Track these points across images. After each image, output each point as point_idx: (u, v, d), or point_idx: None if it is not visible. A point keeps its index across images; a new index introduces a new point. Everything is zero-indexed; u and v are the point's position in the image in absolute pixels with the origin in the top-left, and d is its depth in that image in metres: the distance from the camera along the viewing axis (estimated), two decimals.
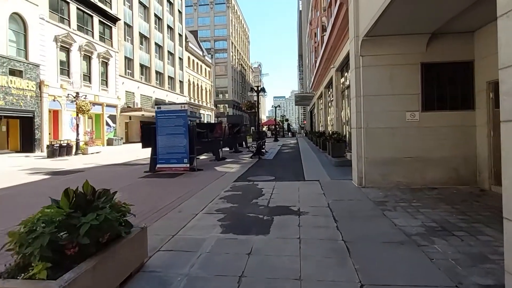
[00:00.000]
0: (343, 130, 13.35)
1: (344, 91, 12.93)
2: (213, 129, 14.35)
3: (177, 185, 8.45)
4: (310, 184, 7.89)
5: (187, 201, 6.43)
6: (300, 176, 9.15)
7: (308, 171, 10.11)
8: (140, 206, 6.11)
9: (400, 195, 6.38)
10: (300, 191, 7.08)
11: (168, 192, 7.48)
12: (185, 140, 10.91)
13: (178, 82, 44.83)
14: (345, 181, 8.06)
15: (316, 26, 22.67)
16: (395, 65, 7.09)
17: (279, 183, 8.16)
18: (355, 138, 7.53)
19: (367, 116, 7.17)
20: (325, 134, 18.31)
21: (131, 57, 32.16)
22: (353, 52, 7.46)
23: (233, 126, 18.71)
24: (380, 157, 7.12)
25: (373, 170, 7.14)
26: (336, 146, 11.83)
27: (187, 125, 10.99)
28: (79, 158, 16.85)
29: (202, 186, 8.10)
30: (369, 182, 7.16)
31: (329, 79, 16.41)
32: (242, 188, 7.59)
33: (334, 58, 13.43)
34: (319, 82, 21.68)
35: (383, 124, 7.12)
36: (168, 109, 11.16)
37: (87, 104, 18.27)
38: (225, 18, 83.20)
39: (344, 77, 12.91)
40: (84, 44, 23.91)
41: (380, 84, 7.14)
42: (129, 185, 8.54)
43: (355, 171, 7.58)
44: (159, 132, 11.06)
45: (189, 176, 9.89)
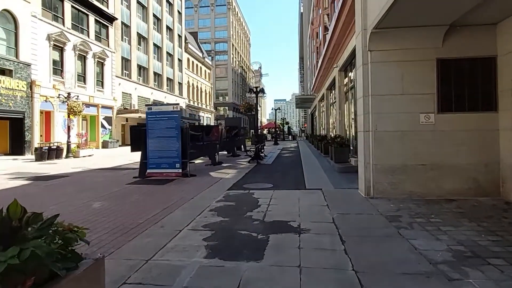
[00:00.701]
0: (347, 133, 12.60)
1: (347, 92, 12.20)
2: (209, 132, 13.61)
3: (165, 193, 7.69)
4: (312, 193, 7.13)
5: (172, 213, 5.68)
6: (301, 184, 8.39)
7: (309, 178, 9.35)
8: (119, 219, 5.37)
9: (414, 208, 5.61)
10: (301, 202, 6.32)
11: (154, 202, 6.73)
12: (178, 144, 10.17)
13: (177, 84, 44.16)
14: (350, 191, 7.29)
15: (318, 25, 21.99)
16: (408, 61, 6.35)
17: (278, 192, 7.40)
18: (362, 143, 6.78)
19: (376, 118, 6.42)
20: (327, 138, 17.56)
21: (128, 57, 31.50)
22: (360, 47, 6.73)
23: (231, 129, 17.96)
24: (390, 164, 6.37)
25: (383, 179, 6.39)
26: (339, 151, 11.08)
27: (180, 127, 10.25)
28: (69, 161, 16.10)
29: (192, 194, 7.35)
30: (378, 192, 6.39)
31: (331, 80, 15.68)
32: (236, 198, 6.83)
33: (337, 57, 12.70)
34: (321, 83, 20.95)
35: (393, 127, 6.37)
36: (160, 110, 10.42)
37: (79, 105, 17.55)
38: (226, 20, 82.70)
39: (347, 77, 12.19)
40: (78, 43, 23.22)
41: (391, 82, 6.40)
42: (113, 193, 7.79)
43: (361, 180, 6.82)
44: (149, 135, 10.33)
45: (181, 183, 9.14)
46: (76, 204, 6.59)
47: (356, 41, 7.16)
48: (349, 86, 11.72)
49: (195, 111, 52.49)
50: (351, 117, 11.72)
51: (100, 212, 5.88)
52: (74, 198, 7.19)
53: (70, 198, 7.25)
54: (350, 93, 11.76)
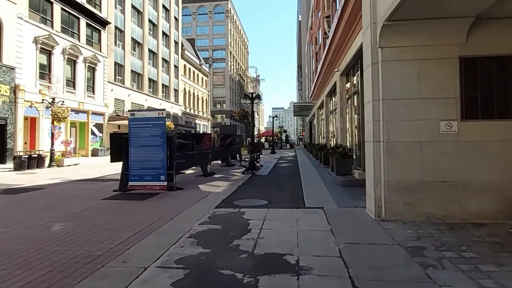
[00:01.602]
0: (349, 143, 11.62)
1: (350, 98, 11.27)
2: (200, 140, 12.61)
3: (143, 211, 6.65)
4: (312, 213, 6.12)
5: (143, 241, 4.65)
6: (299, 201, 7.37)
7: (308, 193, 8.34)
8: (75, 249, 4.33)
9: (437, 235, 4.61)
10: (300, 225, 5.31)
11: (127, 223, 5.69)
12: (163, 154, 9.15)
13: (173, 91, 43.25)
14: (356, 210, 6.29)
15: (317, 29, 21.21)
16: (425, 59, 5.42)
17: (273, 211, 6.38)
18: (370, 155, 5.80)
19: (388, 126, 5.46)
20: (327, 147, 16.59)
21: (121, 63, 30.58)
22: (368, 43, 5.80)
23: (225, 137, 16.96)
24: (406, 181, 5.38)
25: (396, 198, 5.39)
26: (341, 162, 10.09)
27: (166, 135, 9.25)
28: (50, 171, 15.01)
29: (174, 213, 6.32)
30: (391, 214, 5.39)
31: (331, 86, 14.78)
32: (223, 219, 5.81)
33: (338, 61, 11.81)
34: (320, 90, 20.06)
35: (409, 137, 5.41)
36: (143, 116, 9.42)
37: (64, 111, 16.54)
38: (224, 28, 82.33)
39: (350, 82, 11.28)
40: (68, 47, 22.27)
41: (405, 84, 5.46)
42: (84, 211, 6.74)
43: (370, 198, 5.82)
44: (132, 143, 9.30)
45: (164, 198, 8.10)
46: (33, 226, 5.55)
47: (363, 38, 6.24)
48: (352, 92, 10.80)
49: (192, 119, 51.51)
50: (354, 125, 10.78)
51: (56, 238, 4.84)
52: (36, 218, 6.14)
53: (31, 217, 6.20)
54: (353, 99, 10.84)
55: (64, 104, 17.38)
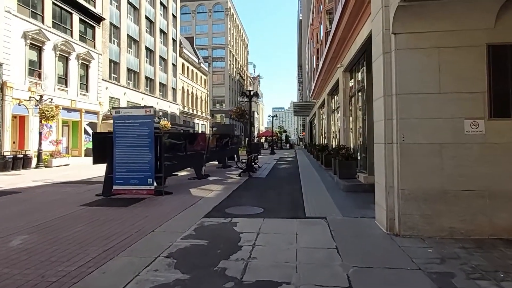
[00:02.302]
0: (353, 143, 10.82)
1: (354, 96, 10.49)
2: (194, 140, 11.83)
3: (122, 221, 5.87)
4: (314, 225, 5.34)
5: (112, 262, 3.88)
6: (299, 209, 6.59)
7: (309, 199, 7.56)
8: (24, 273, 3.53)
9: (465, 256, 3.84)
10: (299, 240, 4.53)
11: (99, 236, 4.92)
12: (150, 155, 8.38)
13: (170, 90, 42.43)
14: (364, 221, 5.51)
15: (318, 24, 20.43)
16: (446, 47, 4.64)
17: (269, 221, 5.60)
18: (381, 158, 5.03)
19: (403, 125, 4.68)
20: (328, 148, 15.82)
21: (117, 60, 29.75)
22: (379, 30, 5.02)
23: (221, 137, 16.17)
24: (423, 189, 4.61)
25: (412, 209, 4.62)
26: (345, 165, 9.32)
27: (154, 135, 8.48)
28: (36, 172, 14.23)
29: (156, 223, 5.55)
30: (407, 228, 4.62)
31: (334, 83, 13.99)
32: (211, 232, 5.03)
33: (341, 56, 11.03)
34: (321, 88, 19.26)
35: (427, 138, 4.63)
36: (129, 114, 8.64)
37: (52, 109, 15.76)
38: (224, 26, 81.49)
39: (354, 78, 10.50)
40: (60, 43, 21.45)
41: (423, 77, 4.68)
42: (56, 219, 5.97)
43: (381, 209, 5.05)
44: (117, 144, 8.53)
45: (149, 205, 7.32)
46: None
47: (373, 24, 5.46)
48: (356, 89, 10.02)
49: (190, 118, 50.70)
50: (359, 125, 10.00)
51: (10, 257, 4.06)
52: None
53: None
54: (357, 97, 10.06)
55: (53, 101, 16.58)
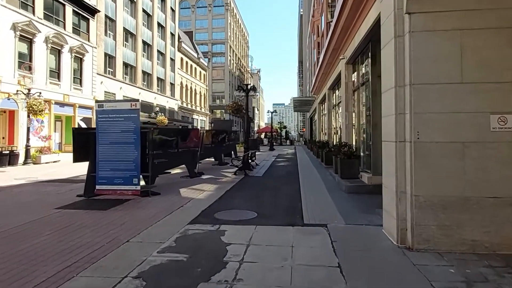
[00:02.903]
0: (358, 140, 10.11)
1: (357, 90, 9.77)
2: (186, 136, 11.14)
3: (97, 227, 5.21)
4: (313, 234, 4.67)
5: (67, 284, 3.22)
6: (297, 214, 5.92)
7: (308, 202, 6.88)
8: None
9: (494, 278, 3.18)
10: (296, 255, 3.87)
11: (64, 248, 4.26)
12: (136, 152, 7.71)
13: (168, 85, 41.63)
14: (370, 230, 4.84)
15: (319, 15, 19.63)
16: (470, 29, 3.95)
17: (262, 230, 4.93)
18: (391, 159, 4.35)
19: (418, 121, 4.00)
20: (329, 145, 15.14)
21: (113, 54, 28.96)
22: (390, 11, 4.32)
23: (217, 133, 15.49)
24: (441, 196, 3.94)
25: (429, 219, 3.95)
26: (347, 164, 8.64)
27: (140, 130, 7.81)
28: (21, 169, 13.56)
29: (134, 231, 4.90)
30: (421, 241, 3.95)
31: (335, 77, 13.26)
32: (194, 243, 4.37)
33: (344, 47, 10.30)
34: (322, 82, 18.52)
35: (446, 136, 3.96)
36: (113, 108, 7.95)
37: (40, 103, 15.07)
38: (224, 21, 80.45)
39: (358, 71, 9.78)
40: (51, 35, 20.68)
41: (442, 64, 3.99)
42: (25, 224, 5.32)
43: (390, 217, 4.38)
44: (100, 140, 7.87)
45: (132, 207, 6.66)
46: None
47: (382, 5, 4.77)
48: (360, 82, 9.30)
49: (189, 114, 49.94)
50: (362, 121, 9.30)
51: None
52: None
53: None
54: (360, 91, 9.35)
55: (42, 95, 15.87)
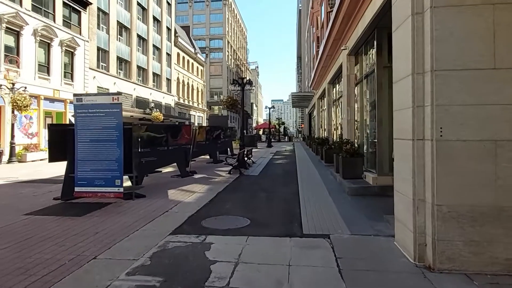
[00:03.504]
0: (361, 137, 9.41)
1: (360, 83, 9.05)
2: (177, 133, 10.42)
3: (64, 238, 4.51)
4: (314, 248, 3.99)
5: None
6: (295, 221, 5.23)
7: (308, 207, 6.19)
8: None
9: None
10: (293, 279, 3.18)
11: (18, 267, 3.58)
12: (119, 151, 7.01)
13: (165, 80, 40.75)
14: (380, 243, 4.15)
15: (319, 5, 18.81)
16: (506, 3, 3.25)
17: (254, 242, 4.24)
18: (406, 161, 3.67)
19: (441, 114, 3.31)
20: (329, 142, 14.46)
21: (106, 48, 28.07)
22: None
23: (211, 129, 14.76)
24: (470, 205, 3.26)
25: (454, 233, 3.27)
26: (350, 163, 7.95)
27: (122, 126, 7.10)
28: (4, 168, 12.84)
29: (105, 244, 4.21)
30: (445, 259, 3.27)
31: (336, 70, 12.54)
32: (173, 260, 3.68)
33: (346, 36, 9.56)
34: (322, 76, 17.77)
35: (475, 133, 3.27)
36: (93, 102, 7.22)
37: (25, 98, 14.32)
38: (222, 16, 79.36)
39: (361, 62, 9.06)
40: (40, 28, 19.85)
41: (470, 46, 3.30)
42: None
43: (405, 228, 3.70)
44: (79, 138, 7.15)
45: (110, 213, 5.96)
46: None
47: None
48: (363, 74, 8.59)
49: (186, 110, 49.11)
50: (366, 116, 8.61)
51: None
52: None
53: None
54: (364, 84, 8.64)
55: (27, 90, 15.10)
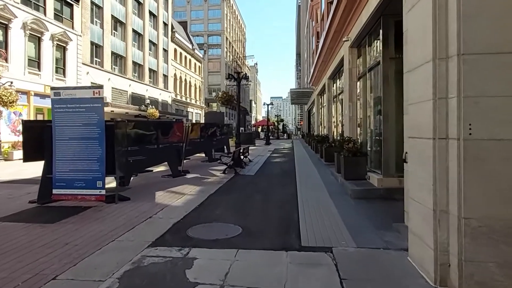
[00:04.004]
0: (364, 134, 8.80)
1: (363, 76, 8.44)
2: (168, 130, 9.80)
3: (26, 252, 3.92)
4: (313, 267, 3.39)
5: None
6: (292, 230, 4.64)
7: (308, 213, 5.59)
8: None
9: None
10: None
11: None
12: (101, 150, 6.41)
13: (161, 76, 40.04)
14: (391, 258, 3.56)
15: None
16: None
17: (245, 256, 3.65)
18: (424, 163, 3.08)
19: (469, 108, 2.71)
20: (329, 140, 13.86)
21: (100, 43, 27.37)
22: None
23: (206, 126, 14.15)
24: (505, 219, 2.67)
25: (486, 252, 2.68)
26: (352, 163, 7.36)
27: (104, 123, 6.49)
28: None
29: (72, 258, 3.62)
30: (474, 284, 2.69)
31: (336, 65, 11.92)
32: (146, 282, 3.08)
33: (348, 26, 8.94)
34: (321, 72, 17.15)
35: (511, 131, 2.68)
36: (72, 97, 6.60)
37: (10, 94, 13.68)
38: (220, 12, 78.48)
39: (364, 54, 8.45)
40: (29, 21, 19.16)
41: (505, 24, 2.69)
42: None
43: (421, 244, 3.11)
44: (57, 136, 6.55)
45: (87, 219, 5.36)
46: None
47: None
48: (367, 67, 7.98)
49: (183, 107, 48.44)
50: (369, 112, 8.01)
51: None
52: None
53: None
54: (368, 77, 8.04)
55: (13, 85, 14.45)
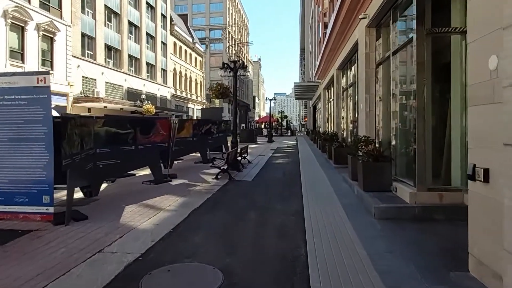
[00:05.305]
0: (387, 133, 7.14)
1: (386, 61, 6.79)
2: (150, 128, 8.25)
3: None
4: None
5: None
6: (298, 279, 3.07)
7: (319, 248, 4.00)
8: None
9: None
10: None
11: None
12: (48, 154, 4.90)
13: (160, 71, 38.46)
14: None
15: None
16: None
17: None
18: None
19: None
20: (338, 138, 12.25)
21: (92, 34, 25.79)
22: None
23: (200, 123, 12.58)
24: None
25: None
26: (374, 170, 5.76)
27: (53, 119, 4.98)
28: None
29: None
30: None
31: (348, 51, 10.24)
32: None
33: (365, 3, 7.30)
34: (329, 62, 15.43)
35: None
36: (8, 86, 5.08)
37: None
38: (222, 6, 76.58)
39: (384, 36, 6.80)
40: (11, 9, 17.68)
41: None
42: None
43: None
44: None
45: (16, 252, 3.86)
46: None
47: None
48: (391, 50, 6.35)
49: (183, 102, 46.86)
50: (394, 106, 6.40)
51: None
52: None
53: None
54: (392, 62, 6.42)
55: None
